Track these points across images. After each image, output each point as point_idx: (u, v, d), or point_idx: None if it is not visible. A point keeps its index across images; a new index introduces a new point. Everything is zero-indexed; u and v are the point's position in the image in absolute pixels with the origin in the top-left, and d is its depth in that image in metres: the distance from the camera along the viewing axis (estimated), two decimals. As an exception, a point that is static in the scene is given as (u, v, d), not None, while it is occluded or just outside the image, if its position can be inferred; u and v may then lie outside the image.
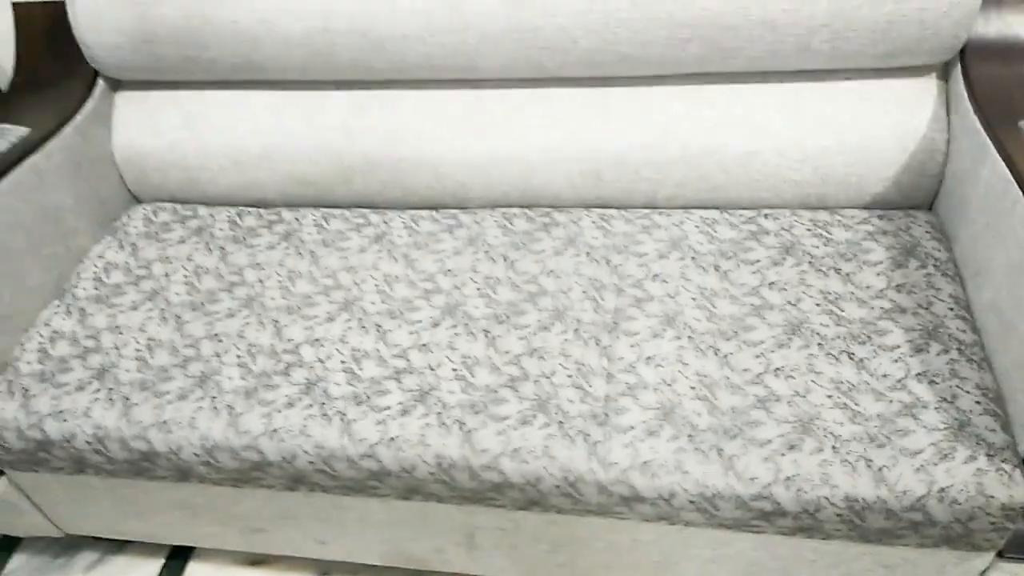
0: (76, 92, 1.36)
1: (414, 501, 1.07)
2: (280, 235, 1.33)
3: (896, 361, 1.00)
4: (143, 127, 1.39)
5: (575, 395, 1.02)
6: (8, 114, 1.32)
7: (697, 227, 1.23)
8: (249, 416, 1.05)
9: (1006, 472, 0.89)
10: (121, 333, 1.19)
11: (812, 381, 0.99)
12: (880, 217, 1.20)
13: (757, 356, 1.03)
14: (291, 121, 1.35)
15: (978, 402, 0.94)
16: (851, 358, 1.01)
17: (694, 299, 1.12)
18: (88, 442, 1.08)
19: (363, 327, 1.15)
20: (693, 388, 1.01)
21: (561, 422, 1.00)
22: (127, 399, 1.10)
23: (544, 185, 1.30)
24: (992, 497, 0.87)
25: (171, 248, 1.33)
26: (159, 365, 1.14)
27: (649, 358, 1.05)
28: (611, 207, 1.30)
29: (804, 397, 0.98)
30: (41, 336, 1.20)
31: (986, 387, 0.96)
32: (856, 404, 0.96)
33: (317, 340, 1.14)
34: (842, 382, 0.99)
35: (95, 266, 1.31)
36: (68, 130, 1.31)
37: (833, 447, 0.93)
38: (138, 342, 1.17)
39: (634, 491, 0.95)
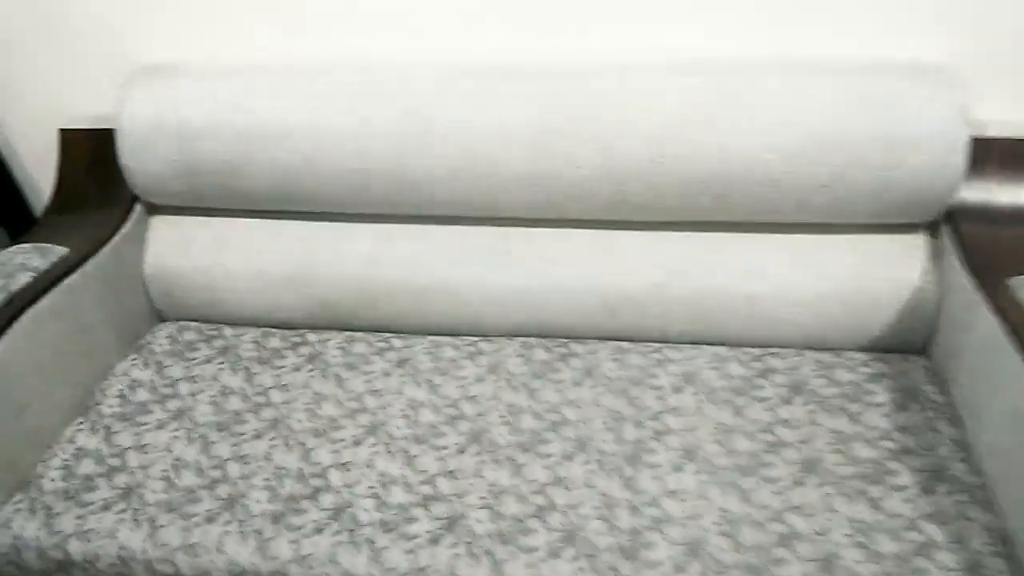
0: (114, 215, 1.43)
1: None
2: (305, 357, 1.37)
3: (907, 501, 1.05)
4: (175, 249, 1.45)
5: (602, 527, 1.05)
6: (49, 233, 1.37)
7: (708, 363, 1.30)
8: (278, 541, 1.06)
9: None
10: (147, 452, 1.20)
11: (829, 520, 1.04)
12: (879, 360, 1.28)
13: (777, 493, 1.08)
14: (319, 248, 1.42)
15: (987, 543, 0.99)
16: (865, 497, 1.06)
17: (712, 433, 1.17)
18: (112, 564, 1.07)
19: (390, 452, 1.18)
20: (716, 524, 1.05)
21: (590, 555, 1.02)
22: (153, 520, 1.10)
23: (560, 317, 1.37)
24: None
25: (197, 367, 1.36)
26: (186, 486, 1.15)
27: (672, 492, 1.09)
28: (625, 340, 1.37)
29: (824, 536, 1.02)
30: (65, 453, 1.21)
31: (994, 528, 1.01)
32: (873, 543, 1.00)
33: (344, 464, 1.16)
34: (859, 521, 1.03)
35: (120, 383, 1.33)
36: (105, 251, 1.37)
37: (853, 585, 0.96)
38: (164, 462, 1.18)
39: (661, 626, 0.97)
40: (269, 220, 1.44)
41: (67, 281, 1.28)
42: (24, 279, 1.24)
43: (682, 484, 1.10)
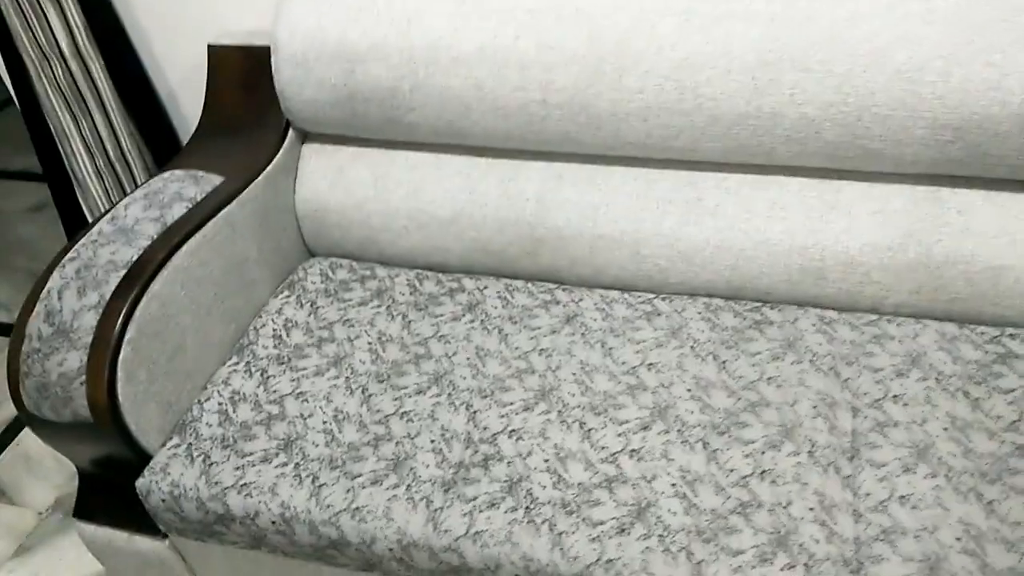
0: (267, 142, 1.33)
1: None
2: (463, 306, 1.26)
3: None
4: (329, 181, 1.35)
5: (819, 533, 0.91)
6: (199, 159, 1.29)
7: (935, 342, 1.11)
8: (449, 513, 0.97)
9: None
10: (307, 401, 1.13)
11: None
12: None
13: (1037, 510, 0.90)
14: (483, 188, 1.29)
15: None
16: None
17: (945, 429, 1.00)
18: (273, 522, 1.01)
19: (564, 422, 1.06)
20: (958, 539, 0.89)
21: (807, 565, 0.88)
22: (316, 478, 1.03)
23: (754, 278, 1.20)
24: None
25: (352, 310, 1.27)
26: (348, 442, 1.07)
27: (903, 497, 0.93)
28: (829, 308, 1.19)
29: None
30: (221, 396, 1.15)
31: None
32: None
33: (515, 432, 1.06)
34: None
35: (274, 322, 1.26)
36: (259, 181, 1.28)
37: None
38: (324, 412, 1.11)
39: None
40: (431, 154, 1.32)
41: (224, 212, 1.20)
42: (180, 210, 1.16)
43: (914, 489, 0.94)
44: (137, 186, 1.57)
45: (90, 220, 1.59)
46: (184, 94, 1.57)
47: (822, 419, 1.03)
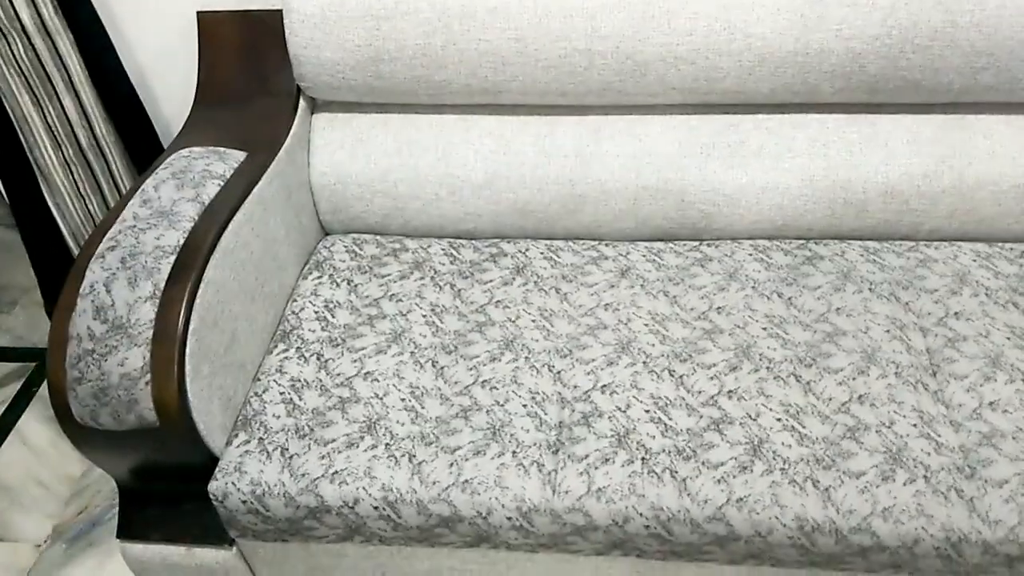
0: (279, 112, 1.24)
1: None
2: (511, 269, 1.22)
3: None
4: (349, 152, 1.27)
5: (928, 446, 0.94)
6: (210, 133, 1.19)
7: (974, 261, 1.17)
8: (565, 474, 0.94)
9: None
10: (377, 380, 1.06)
11: None
12: None
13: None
14: (518, 148, 1.25)
15: None
16: None
17: (1008, 338, 1.06)
18: (375, 507, 0.95)
19: (652, 372, 1.05)
20: (1052, 436, 0.95)
21: (926, 477, 0.92)
22: (412, 456, 0.97)
23: (798, 216, 1.23)
24: None
25: (394, 285, 1.20)
26: (435, 416, 1.02)
27: (992, 403, 0.98)
28: (871, 239, 1.23)
29: None
30: (280, 385, 1.07)
31: None
32: None
33: (607, 387, 1.04)
34: None
35: (312, 304, 1.18)
36: (281, 155, 1.19)
37: None
38: (399, 390, 1.05)
39: None
40: (459, 116, 1.26)
41: (256, 190, 1.10)
42: (213, 188, 1.06)
43: (1000, 394, 0.99)
44: (114, 176, 1.43)
45: (59, 218, 1.43)
46: (157, 71, 1.43)
47: (898, 341, 1.07)
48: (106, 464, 1.02)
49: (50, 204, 1.41)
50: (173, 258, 0.96)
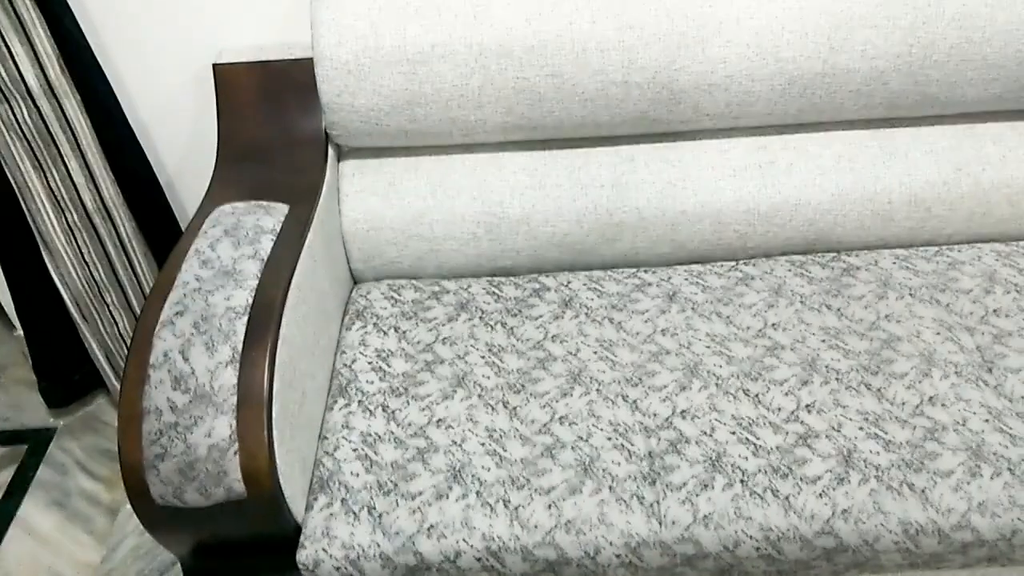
0: (309, 162, 1.21)
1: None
2: (558, 303, 1.22)
3: None
4: (382, 198, 1.25)
5: (1004, 439, 0.98)
6: (242, 188, 1.14)
7: (998, 260, 1.23)
8: (668, 504, 0.94)
9: None
10: (451, 427, 1.03)
11: None
12: None
13: None
14: (553, 181, 1.25)
15: None
16: None
17: (1050, 331, 1.12)
18: (478, 558, 0.92)
19: (727, 393, 1.06)
20: (1114, 419, 1.00)
21: (1011, 469, 0.95)
22: (507, 501, 0.95)
23: (829, 229, 1.27)
24: None
25: (444, 328, 1.18)
26: (520, 458, 0.99)
27: (1054, 394, 1.03)
28: (896, 247, 1.28)
29: None
30: (350, 441, 1.02)
31: None
32: None
33: (686, 412, 1.04)
34: None
35: (364, 355, 1.14)
36: (320, 205, 1.15)
37: None
38: (476, 435, 1.02)
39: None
40: (490, 154, 1.26)
41: (307, 242, 1.07)
42: (267, 243, 1.02)
43: (1058, 386, 1.04)
44: (122, 240, 1.37)
45: (60, 286, 1.35)
46: (159, 128, 1.38)
47: (950, 342, 1.11)
48: (174, 544, 0.96)
49: (52, 272, 1.32)
50: (246, 318, 0.91)
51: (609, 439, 1.01)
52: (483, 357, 1.13)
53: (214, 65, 1.23)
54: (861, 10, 1.12)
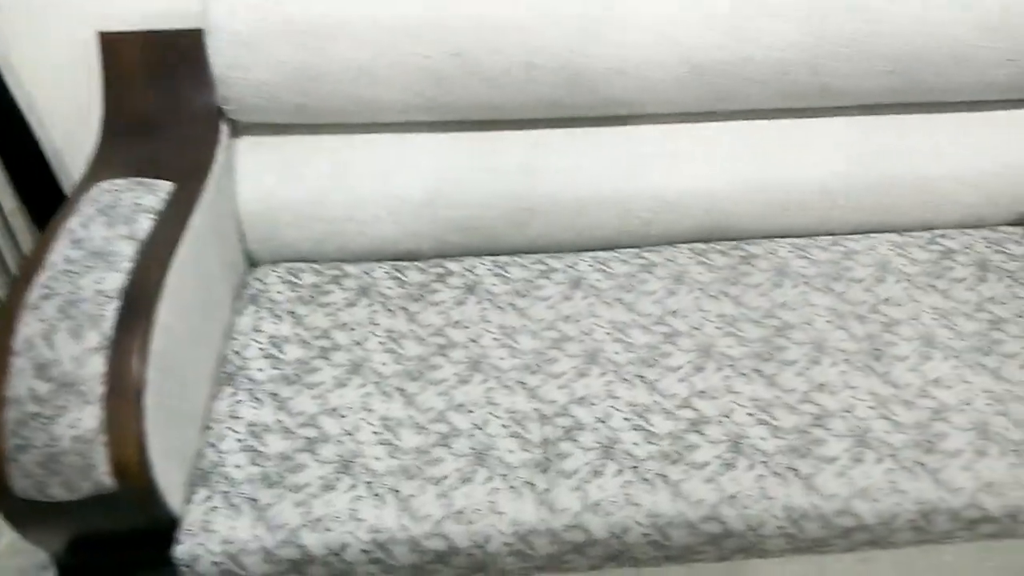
0: (201, 138, 1.15)
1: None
2: (462, 288, 1.20)
3: None
4: (279, 177, 1.20)
5: (888, 426, 1.01)
6: (127, 164, 1.08)
7: (892, 250, 1.26)
8: (560, 492, 0.93)
9: None
10: (344, 416, 1.00)
11: (1092, 386, 1.06)
12: (1037, 231, 1.32)
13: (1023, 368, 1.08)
14: (460, 164, 1.23)
15: None
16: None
17: (935, 319, 1.15)
18: (365, 551, 0.90)
19: (624, 379, 1.06)
20: (990, 405, 1.03)
21: (892, 455, 0.98)
22: (397, 491, 0.93)
23: (730, 217, 1.28)
24: None
25: (343, 313, 1.15)
26: (414, 447, 0.97)
27: (935, 380, 1.06)
28: (796, 236, 1.31)
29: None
30: (235, 432, 0.99)
31: None
32: None
33: (583, 399, 1.03)
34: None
35: (256, 341, 1.10)
36: (210, 183, 1.10)
37: None
38: (370, 424, 1.00)
39: None
40: (396, 135, 1.22)
41: (192, 223, 1.02)
42: (146, 223, 0.97)
43: (939, 371, 1.07)
44: (4, 216, 1.29)
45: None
46: (45, 99, 1.29)
47: (841, 330, 1.13)
48: (44, 540, 0.91)
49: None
50: (118, 303, 0.86)
51: (505, 427, 1.00)
52: (382, 343, 1.10)
53: (100, 33, 1.16)
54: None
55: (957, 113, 1.29)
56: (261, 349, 1.09)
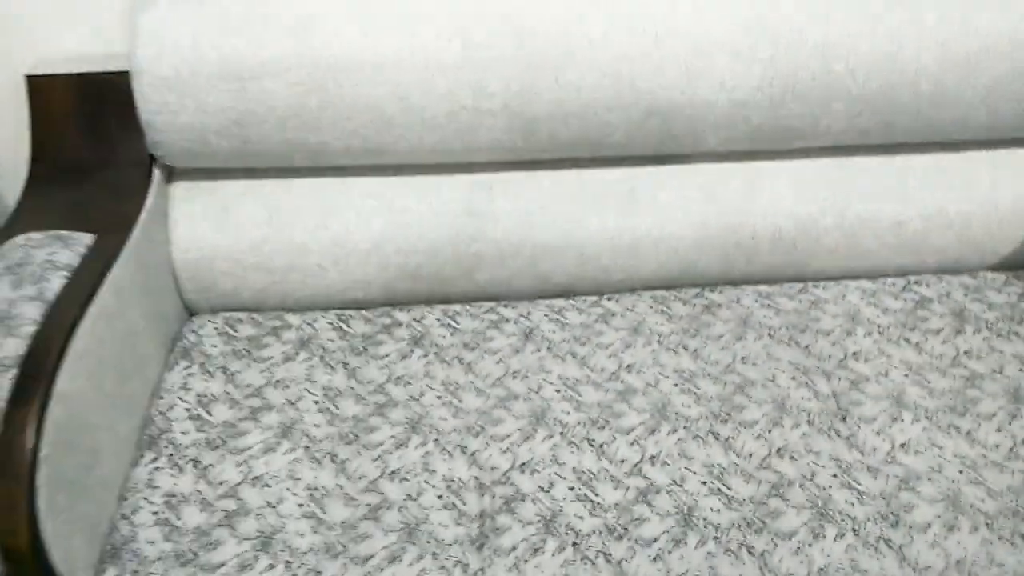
0: (130, 185, 1.10)
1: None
2: (407, 340, 1.13)
3: None
4: (215, 225, 1.14)
5: (851, 496, 0.94)
6: (50, 215, 1.03)
7: (862, 299, 1.20)
8: (495, 573, 0.86)
9: None
10: (268, 486, 0.94)
11: (1072, 451, 0.99)
12: (1019, 278, 1.25)
13: (998, 430, 1.01)
14: (406, 208, 1.17)
15: None
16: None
17: (906, 375, 1.08)
18: (281, 639, 0.83)
19: (572, 443, 0.99)
20: (962, 472, 0.97)
21: (855, 530, 0.91)
22: (319, 573, 0.86)
23: (692, 263, 1.22)
24: None
25: (278, 369, 1.08)
26: (340, 521, 0.91)
27: (903, 445, 0.99)
28: (760, 283, 1.24)
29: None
30: (152, 503, 0.92)
31: None
32: None
33: (526, 465, 0.97)
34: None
35: (183, 400, 1.04)
36: (136, 234, 1.04)
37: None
38: (295, 494, 0.93)
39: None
40: (338, 179, 1.17)
41: (109, 278, 0.96)
42: (58, 281, 0.91)
43: (908, 434, 1.01)
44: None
45: None
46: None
47: (805, 387, 1.07)
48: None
49: None
50: (15, 372, 0.80)
51: (440, 497, 0.94)
52: (316, 403, 1.04)
53: (27, 77, 1.10)
54: (720, 37, 1.07)
55: (931, 154, 1.23)
56: (188, 410, 1.03)
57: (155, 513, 0.91)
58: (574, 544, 0.89)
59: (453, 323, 1.17)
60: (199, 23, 1.02)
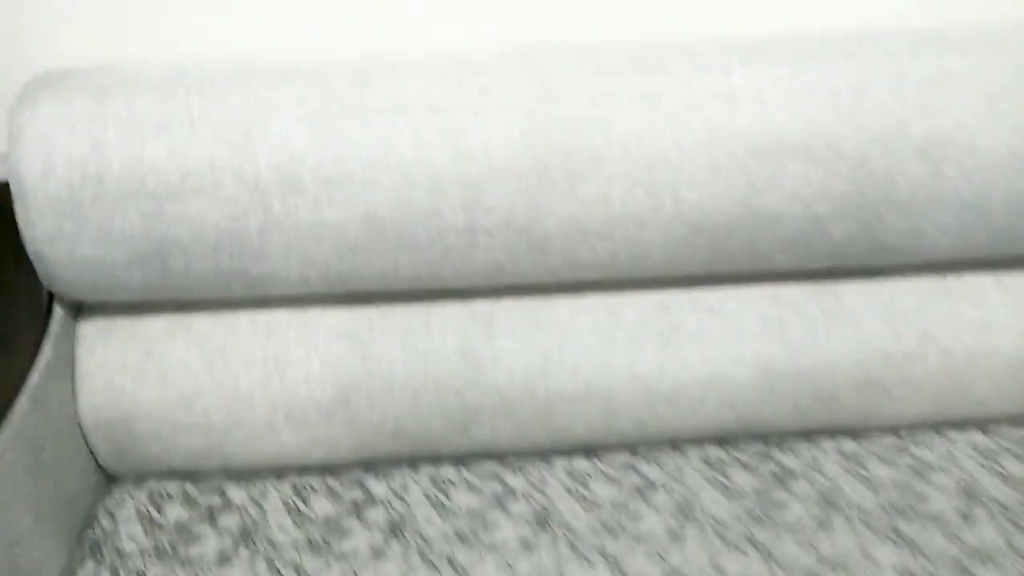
0: (23, 329, 0.84)
1: None
2: (383, 530, 0.86)
3: None
4: (134, 374, 0.88)
5: None
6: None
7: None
8: None
9: None
10: None
11: None
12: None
13: None
14: (381, 350, 0.90)
15: None
16: None
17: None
18: None
19: None
20: None
21: None
22: None
23: (754, 414, 0.94)
24: None
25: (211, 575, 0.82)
26: None
27: None
28: (843, 436, 0.96)
29: None
30: None
31: None
32: None
33: None
34: None
35: (79, 628, 0.77)
36: (23, 399, 0.79)
37: None
38: None
39: None
40: (295, 311, 0.91)
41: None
42: None
43: None
44: None
45: None
46: None
47: (927, 598, 0.78)
48: None
49: None
50: None
51: None
52: (254, 631, 0.77)
53: None
54: (793, 137, 0.81)
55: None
56: (82, 643, 0.76)
57: None
58: None
59: (444, 499, 0.90)
60: (102, 126, 0.77)
